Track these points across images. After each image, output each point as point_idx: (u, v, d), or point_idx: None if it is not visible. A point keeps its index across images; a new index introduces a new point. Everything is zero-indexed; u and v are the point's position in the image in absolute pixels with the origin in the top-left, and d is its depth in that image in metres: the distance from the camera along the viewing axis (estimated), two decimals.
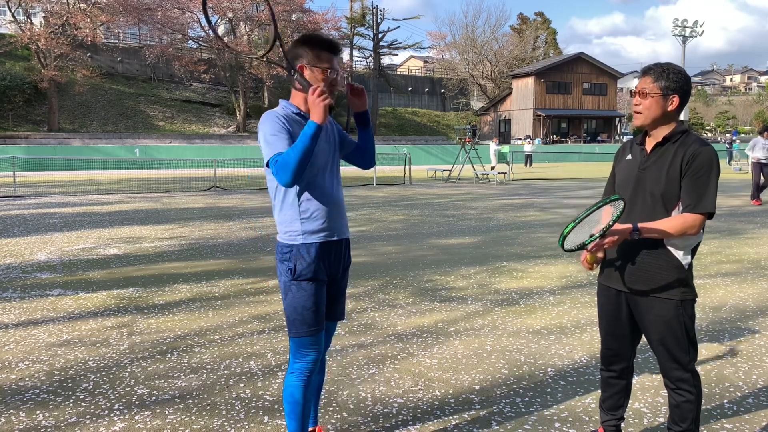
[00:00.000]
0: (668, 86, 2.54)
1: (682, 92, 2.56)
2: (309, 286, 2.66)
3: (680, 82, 2.55)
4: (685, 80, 2.56)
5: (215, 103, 49.29)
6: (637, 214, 2.63)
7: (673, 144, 2.58)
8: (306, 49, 2.66)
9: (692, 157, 2.50)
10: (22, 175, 26.69)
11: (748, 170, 30.63)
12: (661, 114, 2.57)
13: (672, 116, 2.60)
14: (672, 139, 2.59)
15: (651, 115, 2.58)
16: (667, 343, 2.61)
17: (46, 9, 38.97)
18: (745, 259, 7.80)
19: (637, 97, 2.61)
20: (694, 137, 2.59)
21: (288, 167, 2.47)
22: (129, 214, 12.98)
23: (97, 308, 5.60)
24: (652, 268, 2.58)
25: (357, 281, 6.58)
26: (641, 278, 2.62)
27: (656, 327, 2.62)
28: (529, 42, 65.06)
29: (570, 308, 5.57)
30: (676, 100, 2.55)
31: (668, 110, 2.57)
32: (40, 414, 3.43)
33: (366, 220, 11.93)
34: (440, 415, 3.42)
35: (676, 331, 2.59)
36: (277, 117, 2.63)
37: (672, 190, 2.54)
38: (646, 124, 2.62)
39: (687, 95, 2.59)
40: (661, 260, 2.58)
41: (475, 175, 24.22)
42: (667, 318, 2.59)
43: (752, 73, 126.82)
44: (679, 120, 2.64)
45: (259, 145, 2.64)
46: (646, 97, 2.57)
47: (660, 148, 2.61)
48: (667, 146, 2.59)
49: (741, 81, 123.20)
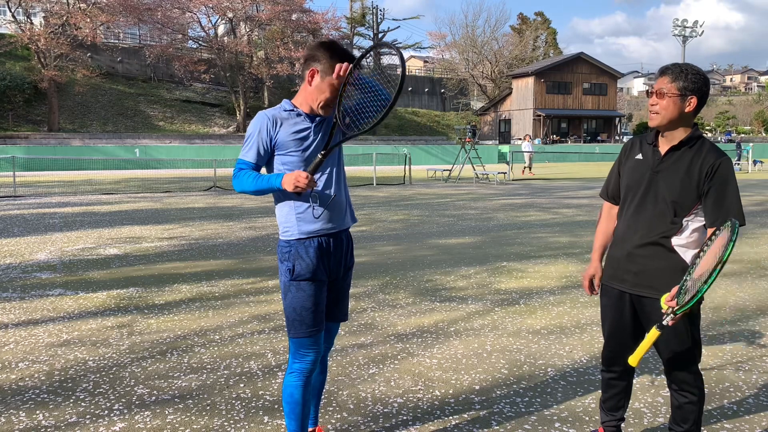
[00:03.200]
0: (686, 87, 2.49)
1: (700, 93, 2.51)
2: (308, 287, 2.66)
3: (699, 83, 2.50)
4: (703, 81, 2.52)
5: (215, 103, 49.28)
6: (645, 217, 2.59)
7: (690, 149, 2.53)
8: (325, 55, 2.60)
9: (712, 168, 2.46)
10: (22, 175, 26.68)
11: (747, 170, 30.74)
12: (678, 115, 2.52)
13: (689, 118, 2.55)
14: (688, 144, 2.54)
15: (668, 116, 2.53)
16: (672, 344, 2.59)
17: (46, 9, 38.97)
18: (745, 259, 7.80)
19: (654, 97, 2.56)
20: (709, 145, 2.55)
21: (241, 186, 2.65)
22: (129, 214, 12.98)
23: (97, 308, 5.60)
24: (658, 269, 2.56)
25: (357, 281, 6.57)
26: (647, 279, 2.59)
27: None
28: (529, 42, 65.05)
29: (570, 308, 5.57)
30: (694, 101, 2.51)
31: (685, 111, 2.52)
32: (40, 414, 3.43)
33: (366, 220, 11.92)
34: (440, 415, 3.42)
35: (682, 333, 2.58)
36: (267, 118, 2.65)
37: (686, 198, 2.50)
38: (663, 125, 2.56)
39: (705, 97, 2.54)
40: (667, 261, 2.56)
41: (475, 175, 24.22)
42: None
43: (752, 73, 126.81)
44: (694, 124, 2.59)
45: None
46: (663, 97, 2.52)
47: (675, 152, 2.56)
48: (683, 151, 2.54)
49: (741, 81, 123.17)
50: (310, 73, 2.62)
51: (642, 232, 2.60)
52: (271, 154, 2.66)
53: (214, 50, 44.65)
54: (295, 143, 2.63)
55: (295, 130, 2.63)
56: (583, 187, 20.95)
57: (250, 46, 45.09)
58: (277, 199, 2.73)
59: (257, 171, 2.67)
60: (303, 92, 2.68)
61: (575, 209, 13.74)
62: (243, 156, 2.66)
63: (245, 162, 2.65)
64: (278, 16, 44.05)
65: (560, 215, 12.65)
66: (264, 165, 2.71)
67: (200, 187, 20.78)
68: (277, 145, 2.63)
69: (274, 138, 2.63)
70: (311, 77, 2.62)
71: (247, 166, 2.65)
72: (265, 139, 2.62)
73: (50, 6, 38.79)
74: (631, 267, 2.64)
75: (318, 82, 2.60)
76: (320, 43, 2.66)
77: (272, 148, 2.65)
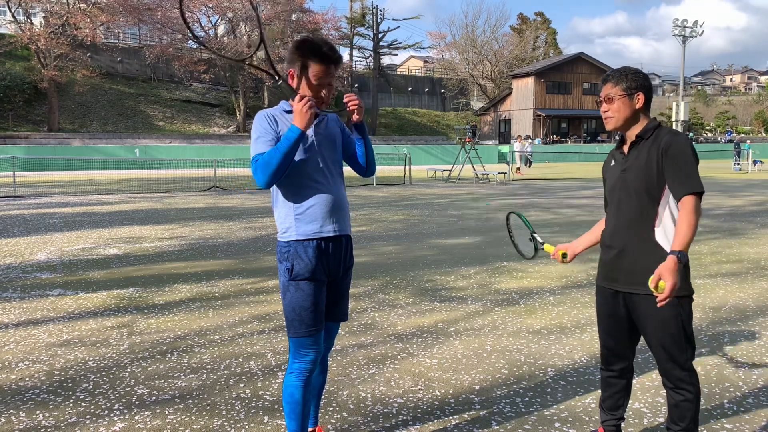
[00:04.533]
0: (630, 86, 2.65)
1: (644, 89, 2.66)
2: (307, 286, 2.66)
3: (639, 80, 2.66)
4: (643, 77, 2.68)
5: (215, 103, 49.29)
6: (626, 216, 2.68)
7: (647, 140, 2.65)
8: (296, 55, 2.65)
9: (666, 146, 2.56)
10: (22, 175, 26.69)
11: (747, 170, 30.72)
12: (631, 113, 2.67)
13: (640, 114, 2.68)
14: (645, 136, 2.66)
15: (622, 116, 2.67)
16: (665, 342, 2.62)
17: (46, 9, 38.98)
18: (745, 259, 7.80)
19: (604, 105, 2.71)
20: (666, 130, 2.65)
21: (268, 168, 2.54)
22: (129, 214, 12.98)
23: (97, 308, 5.60)
24: (648, 266, 2.58)
25: (357, 281, 6.58)
26: (638, 278, 2.63)
27: (654, 326, 2.63)
28: (529, 42, 65.06)
29: (570, 308, 5.57)
30: (641, 96, 2.65)
31: (636, 108, 2.66)
32: (40, 414, 3.43)
33: (366, 220, 11.93)
34: (440, 415, 3.42)
35: (674, 330, 2.60)
36: (266, 116, 2.67)
37: (654, 182, 2.60)
38: (619, 126, 2.71)
39: (650, 90, 2.69)
40: (651, 257, 2.59)
41: (475, 175, 24.22)
42: (665, 317, 2.59)
43: (752, 73, 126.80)
44: (650, 117, 2.72)
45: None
46: (612, 101, 2.68)
47: (636, 147, 2.68)
48: (642, 144, 2.66)
49: (741, 81, 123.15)
50: (290, 75, 2.69)
51: (627, 230, 2.68)
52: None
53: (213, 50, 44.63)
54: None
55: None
56: (583, 187, 20.94)
57: (250, 46, 45.08)
58: (276, 201, 2.73)
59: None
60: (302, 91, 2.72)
61: (575, 209, 13.74)
62: (257, 150, 2.61)
63: (261, 154, 2.60)
64: (278, 16, 44.06)
65: (560, 215, 12.65)
66: None
67: (200, 188, 20.78)
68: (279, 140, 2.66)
69: (279, 133, 2.64)
70: (291, 79, 2.69)
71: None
72: (272, 132, 2.64)
73: (50, 6, 38.80)
74: (622, 266, 2.70)
75: (297, 83, 2.67)
76: (293, 45, 2.70)
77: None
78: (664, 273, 2.39)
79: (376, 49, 53.33)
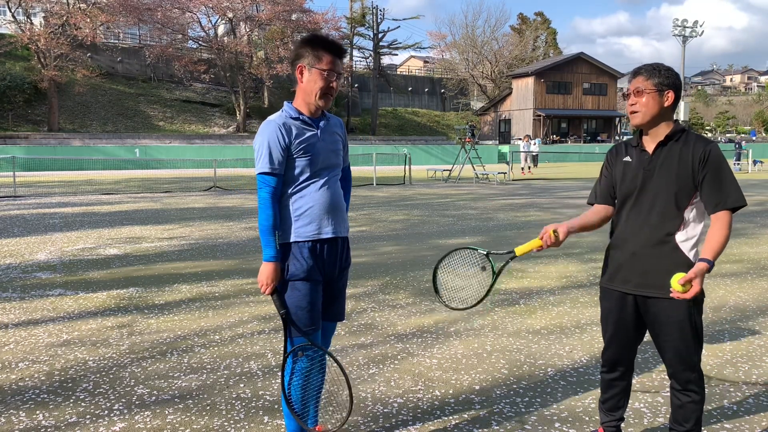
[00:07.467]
0: (662, 82, 2.56)
1: (675, 88, 2.58)
2: (303, 286, 2.67)
3: (672, 77, 2.57)
4: (675, 76, 2.59)
5: (215, 103, 49.28)
6: (648, 217, 2.59)
7: (676, 143, 2.57)
8: (308, 49, 2.67)
9: (704, 155, 2.50)
10: (22, 175, 26.69)
11: (747, 170, 30.74)
12: (659, 111, 2.57)
13: (669, 113, 2.60)
14: (674, 138, 2.58)
15: (650, 113, 2.57)
16: (678, 345, 2.58)
17: (46, 9, 38.98)
18: (745, 259, 7.80)
19: (632, 97, 2.60)
20: (695, 135, 2.60)
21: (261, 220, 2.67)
22: (129, 214, 12.98)
23: (97, 308, 5.60)
24: (661, 268, 2.54)
25: (357, 281, 6.58)
26: (654, 280, 2.57)
27: (668, 329, 2.58)
28: (529, 42, 65.05)
29: (570, 308, 5.57)
30: (671, 95, 2.57)
31: (665, 106, 2.57)
32: (40, 414, 3.43)
33: (366, 220, 11.93)
34: (440, 415, 3.41)
35: (688, 332, 2.57)
36: (275, 125, 2.64)
37: (686, 188, 2.53)
38: (645, 122, 2.60)
39: (680, 90, 2.62)
40: (670, 259, 2.55)
41: (475, 175, 24.22)
42: (680, 319, 2.55)
43: (752, 73, 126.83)
44: (675, 119, 2.64)
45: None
46: (641, 94, 2.57)
47: (663, 148, 2.59)
48: (671, 145, 2.58)
49: (741, 81, 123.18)
50: (299, 71, 2.68)
51: (647, 231, 2.59)
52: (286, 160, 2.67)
53: (214, 50, 44.64)
54: (303, 149, 2.66)
55: (303, 138, 2.67)
56: (583, 187, 20.94)
57: (250, 46, 45.10)
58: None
59: (279, 180, 2.64)
60: (300, 92, 2.72)
61: (575, 209, 13.74)
62: (263, 169, 2.61)
63: (269, 177, 2.62)
64: (278, 16, 44.08)
65: (560, 215, 12.65)
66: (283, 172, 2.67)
67: (200, 188, 20.78)
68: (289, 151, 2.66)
69: (289, 145, 2.64)
70: (300, 74, 2.69)
71: (273, 182, 2.63)
72: (282, 147, 2.62)
73: (50, 6, 38.80)
74: (637, 267, 2.61)
75: (308, 76, 2.66)
76: (300, 41, 2.72)
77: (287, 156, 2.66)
78: (698, 277, 2.37)
79: (376, 49, 53.33)
